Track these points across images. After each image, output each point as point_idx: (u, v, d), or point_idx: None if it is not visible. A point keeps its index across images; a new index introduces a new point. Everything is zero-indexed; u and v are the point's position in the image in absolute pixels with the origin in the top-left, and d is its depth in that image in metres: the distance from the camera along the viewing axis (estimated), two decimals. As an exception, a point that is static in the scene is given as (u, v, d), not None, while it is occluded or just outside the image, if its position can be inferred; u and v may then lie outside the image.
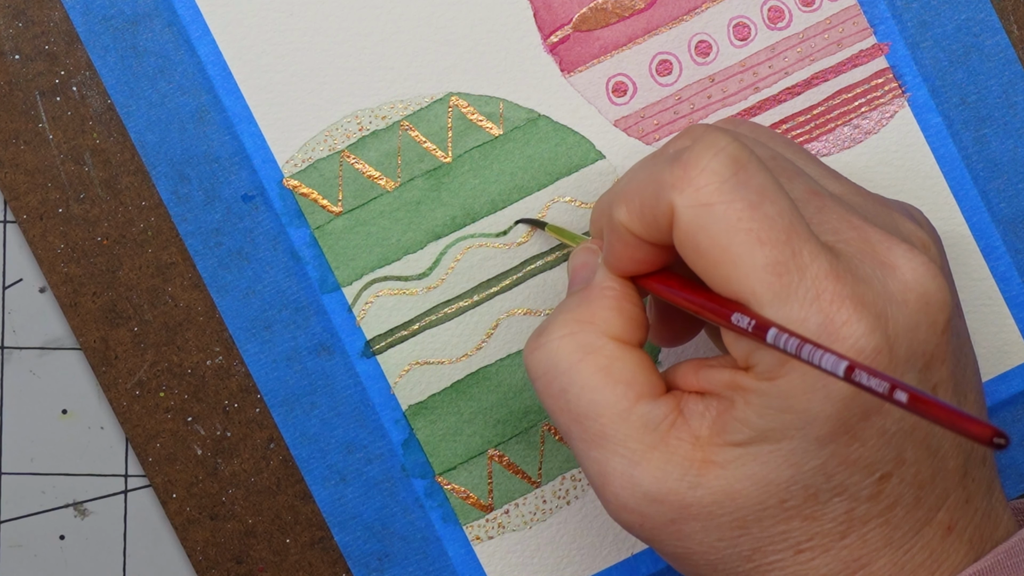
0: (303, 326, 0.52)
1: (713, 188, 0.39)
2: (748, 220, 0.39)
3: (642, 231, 0.41)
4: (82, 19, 0.51)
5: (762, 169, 0.40)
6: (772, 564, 0.41)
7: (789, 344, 0.37)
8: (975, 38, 0.52)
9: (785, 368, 0.39)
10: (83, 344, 0.52)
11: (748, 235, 0.39)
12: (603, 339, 0.42)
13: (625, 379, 0.42)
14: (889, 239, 0.41)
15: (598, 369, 0.42)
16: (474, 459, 0.52)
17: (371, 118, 0.52)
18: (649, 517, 0.41)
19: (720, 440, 0.40)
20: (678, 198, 0.39)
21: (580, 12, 0.52)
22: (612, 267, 0.43)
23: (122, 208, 0.52)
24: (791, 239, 0.39)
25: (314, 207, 0.52)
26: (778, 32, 0.52)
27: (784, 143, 0.45)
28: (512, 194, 0.52)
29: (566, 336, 0.42)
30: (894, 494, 0.41)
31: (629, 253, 0.42)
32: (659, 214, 0.40)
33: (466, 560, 0.52)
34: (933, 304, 0.40)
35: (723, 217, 0.39)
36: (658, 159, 0.41)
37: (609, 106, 0.52)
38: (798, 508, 0.40)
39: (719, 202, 0.39)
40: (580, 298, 0.43)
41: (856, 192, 0.43)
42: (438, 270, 0.52)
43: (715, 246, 0.39)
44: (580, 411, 0.42)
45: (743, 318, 0.38)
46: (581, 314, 0.43)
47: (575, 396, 0.42)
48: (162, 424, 0.52)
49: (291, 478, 0.52)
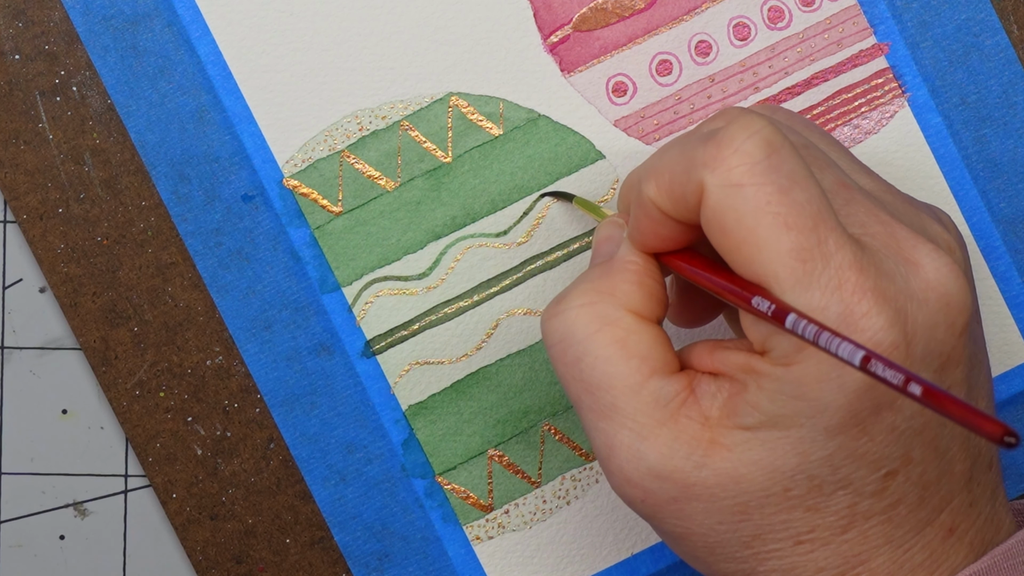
0: (303, 326, 0.52)
1: (744, 169, 0.39)
2: (776, 204, 0.39)
3: (669, 207, 0.41)
4: (82, 19, 0.51)
5: (795, 155, 0.40)
6: (770, 552, 0.41)
7: (807, 330, 0.37)
8: (975, 38, 0.52)
9: (801, 355, 0.39)
10: (83, 344, 0.52)
11: (775, 219, 0.39)
12: (621, 311, 0.42)
13: (640, 353, 0.41)
14: (915, 237, 0.41)
15: (614, 341, 0.42)
16: (474, 459, 0.52)
17: (371, 118, 0.52)
18: (652, 493, 0.41)
19: (729, 422, 0.40)
20: (709, 176, 0.39)
21: (580, 12, 0.52)
22: (636, 242, 0.43)
23: (122, 208, 0.52)
24: (818, 226, 0.39)
25: (314, 207, 0.52)
26: (778, 32, 0.52)
27: (819, 133, 0.45)
28: (512, 194, 0.52)
29: (585, 305, 0.42)
30: (899, 492, 0.41)
31: (654, 229, 0.42)
32: (688, 191, 0.40)
33: (466, 560, 0.52)
34: (953, 306, 0.40)
35: (752, 199, 0.39)
36: (691, 138, 0.41)
37: (609, 106, 0.52)
38: (802, 498, 0.40)
39: (749, 184, 0.39)
40: (602, 270, 0.43)
41: (886, 189, 0.43)
42: (438, 270, 0.52)
43: (741, 227, 0.39)
44: (593, 381, 0.42)
45: (763, 301, 0.38)
46: (602, 285, 0.43)
47: (589, 366, 0.42)
48: (162, 424, 0.52)
49: (291, 478, 0.52)
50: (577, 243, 0.52)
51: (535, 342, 0.52)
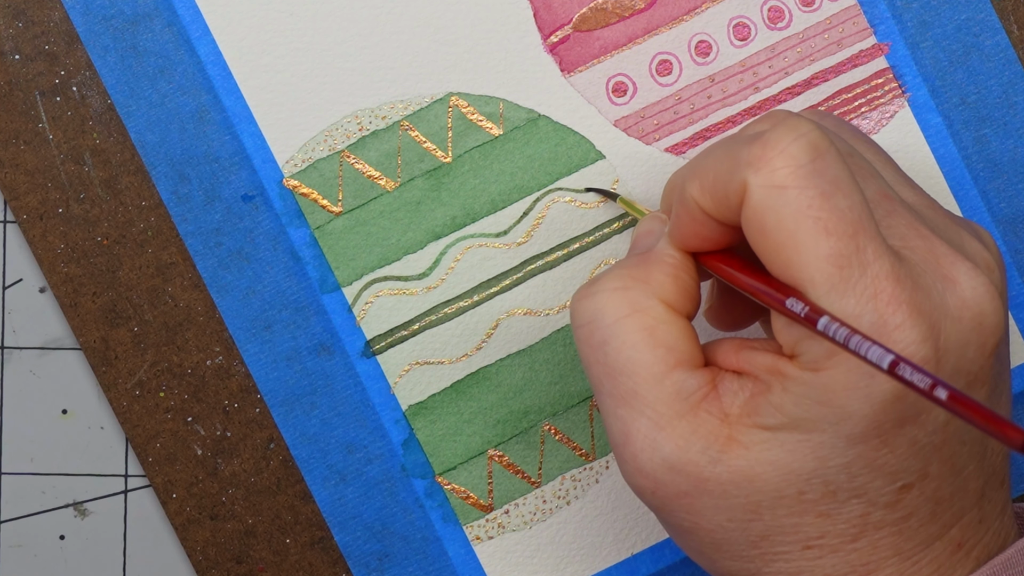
0: (303, 326, 0.52)
1: (789, 171, 0.39)
2: (818, 208, 0.39)
3: (711, 207, 0.41)
4: (82, 19, 0.51)
5: (839, 161, 0.40)
6: (778, 555, 0.41)
7: (838, 333, 0.37)
8: (975, 38, 0.52)
9: (831, 361, 0.39)
10: (83, 344, 0.52)
11: (816, 223, 0.39)
12: (653, 300, 0.42)
13: (667, 343, 0.41)
14: (954, 254, 0.41)
15: (642, 328, 0.42)
16: (474, 459, 0.52)
17: (371, 118, 0.52)
18: (664, 484, 0.41)
19: (749, 421, 0.40)
20: (752, 176, 0.39)
21: (580, 12, 0.52)
22: (676, 240, 0.43)
23: (122, 208, 0.52)
24: (857, 234, 0.39)
25: (314, 207, 0.52)
26: (778, 32, 0.52)
27: (865, 142, 0.45)
28: (512, 194, 0.52)
29: (617, 290, 0.42)
30: (912, 505, 0.41)
31: (695, 228, 0.42)
32: (731, 191, 0.40)
33: (466, 560, 0.52)
34: (987, 326, 0.40)
35: (794, 202, 0.39)
36: (736, 139, 0.41)
37: (609, 106, 0.52)
38: (815, 503, 0.40)
39: (792, 186, 0.39)
40: (639, 259, 0.43)
41: (929, 205, 0.43)
42: (438, 270, 0.52)
43: (781, 229, 0.39)
44: (616, 366, 0.42)
45: (797, 303, 0.39)
46: (636, 272, 0.43)
47: (614, 350, 0.42)
48: (162, 424, 0.52)
49: (291, 478, 0.52)
50: (577, 243, 0.52)
51: (535, 342, 0.52)
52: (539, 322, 0.52)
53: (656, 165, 0.52)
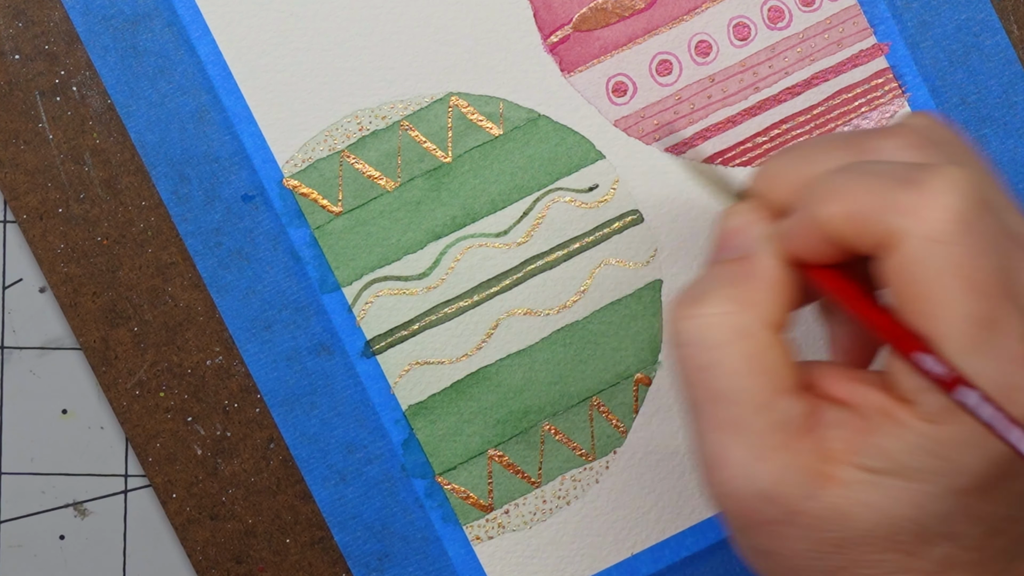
0: (303, 326, 0.52)
1: (949, 228, 0.38)
2: (969, 267, 0.38)
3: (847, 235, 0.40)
4: (82, 19, 0.51)
5: (993, 217, 0.39)
6: None
7: (982, 409, 0.37)
8: (975, 38, 0.52)
9: (952, 416, 0.38)
10: (83, 344, 0.52)
11: (964, 282, 0.38)
12: (759, 325, 0.41)
13: (770, 370, 0.40)
14: None
15: (748, 356, 0.41)
16: (474, 459, 0.52)
17: (371, 118, 0.52)
18: (753, 512, 0.41)
19: (850, 460, 0.40)
20: (911, 225, 0.38)
21: (580, 12, 0.52)
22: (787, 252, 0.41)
23: (122, 208, 0.52)
24: (1003, 296, 0.38)
25: (314, 207, 0.52)
26: (778, 32, 0.52)
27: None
28: (512, 194, 0.52)
29: (725, 315, 0.41)
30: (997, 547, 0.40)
31: (816, 246, 0.41)
32: (877, 231, 0.39)
33: (466, 560, 0.52)
34: None
35: (946, 257, 0.38)
36: (890, 171, 0.40)
37: (609, 106, 0.52)
38: (904, 544, 0.40)
39: (948, 243, 0.38)
40: (739, 272, 0.42)
41: None
42: (438, 270, 0.52)
43: (928, 281, 0.38)
44: (718, 391, 0.41)
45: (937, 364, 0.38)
46: (743, 294, 0.41)
47: (717, 375, 0.41)
48: (162, 424, 0.52)
49: (291, 478, 0.52)
50: (577, 243, 0.52)
51: (535, 342, 0.52)
52: (539, 322, 0.52)
53: (656, 165, 0.52)
